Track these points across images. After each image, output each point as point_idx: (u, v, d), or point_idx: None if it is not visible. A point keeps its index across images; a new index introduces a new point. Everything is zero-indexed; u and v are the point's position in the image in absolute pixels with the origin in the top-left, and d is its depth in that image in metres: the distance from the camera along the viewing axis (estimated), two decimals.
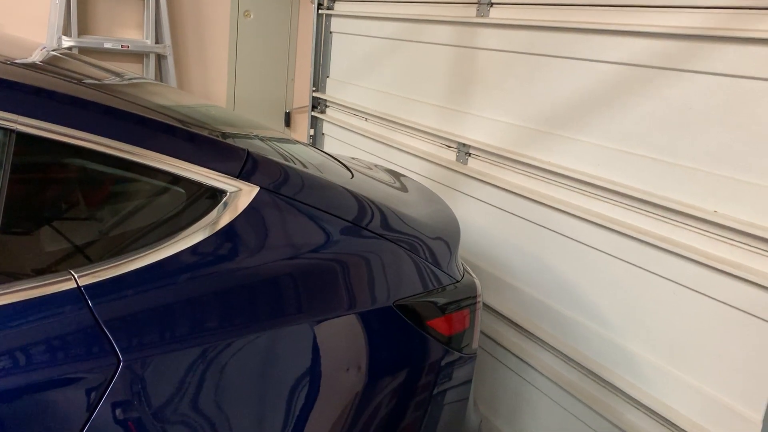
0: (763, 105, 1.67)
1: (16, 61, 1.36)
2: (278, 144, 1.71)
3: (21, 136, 1.14)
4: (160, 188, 1.29)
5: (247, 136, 1.59)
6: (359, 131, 3.60)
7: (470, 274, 1.71)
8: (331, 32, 4.02)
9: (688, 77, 1.84)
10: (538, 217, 2.37)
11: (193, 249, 1.26)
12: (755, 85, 1.68)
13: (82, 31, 3.94)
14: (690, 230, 1.84)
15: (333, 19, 3.97)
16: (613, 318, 2.09)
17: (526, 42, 2.40)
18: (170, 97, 1.67)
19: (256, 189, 1.37)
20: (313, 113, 4.19)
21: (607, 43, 2.08)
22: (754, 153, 1.69)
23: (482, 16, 2.61)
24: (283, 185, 1.43)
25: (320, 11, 3.98)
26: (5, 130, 1.12)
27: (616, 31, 2.04)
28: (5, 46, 1.58)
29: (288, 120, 4.72)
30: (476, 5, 2.65)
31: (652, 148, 1.95)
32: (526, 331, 2.43)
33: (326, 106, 4.09)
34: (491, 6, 2.58)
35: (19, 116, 1.14)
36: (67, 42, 3.77)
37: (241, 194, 1.35)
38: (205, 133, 1.39)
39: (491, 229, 2.62)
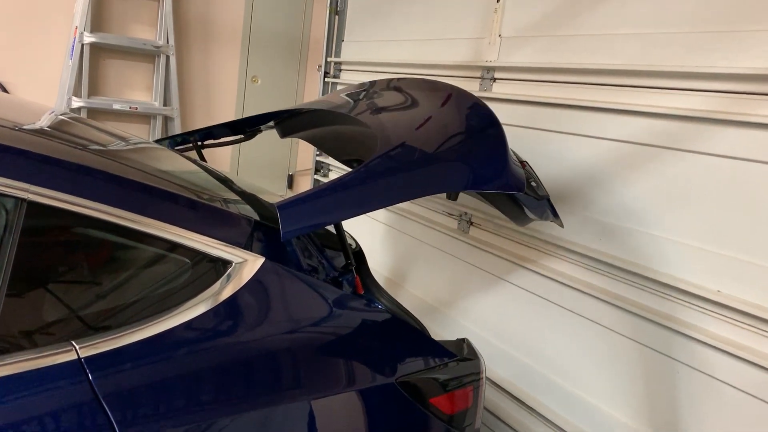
0: (763, 188, 1.69)
1: (27, 127, 1.38)
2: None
3: (31, 204, 1.15)
4: (167, 258, 1.29)
5: (250, 203, 1.60)
6: None
7: (475, 351, 1.68)
8: None
9: (690, 157, 1.87)
10: (540, 289, 2.36)
11: (195, 321, 1.25)
12: (756, 167, 1.71)
13: (92, 92, 4.02)
14: (693, 309, 1.83)
15: (339, 88, 4.06)
16: (617, 395, 2.06)
17: (528, 116, 2.45)
18: (175, 164, 1.68)
19: (262, 259, 1.37)
20: (316, 176, 4.23)
21: (609, 121, 2.12)
22: (757, 234, 1.70)
23: (485, 90, 2.68)
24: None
25: (326, 79, 4.08)
26: (17, 199, 1.13)
27: (618, 110, 2.08)
28: (16, 111, 1.60)
29: (290, 182, 4.77)
30: (479, 80, 2.72)
31: (654, 225, 1.96)
32: (527, 406, 2.38)
33: (329, 170, 4.14)
34: (494, 81, 2.65)
35: (32, 185, 1.15)
36: (77, 103, 3.84)
37: (246, 265, 1.35)
38: (213, 202, 1.40)
39: (493, 299, 2.61)
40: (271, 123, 2.39)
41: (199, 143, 2.37)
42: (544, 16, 2.39)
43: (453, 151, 1.65)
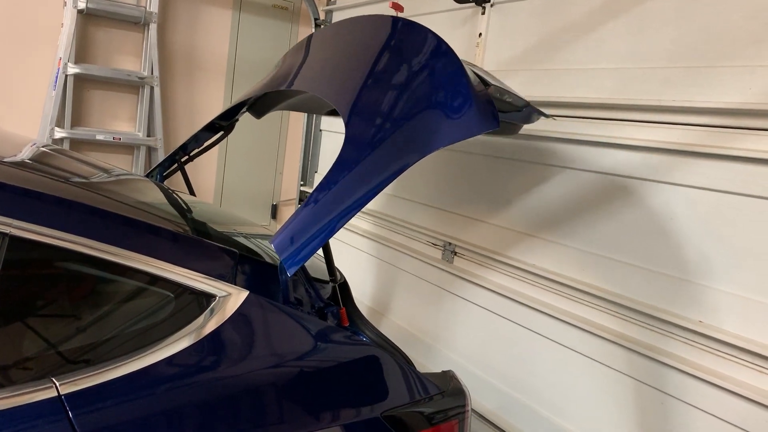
0: (742, 219, 1.72)
1: (8, 160, 1.37)
2: (265, 241, 1.73)
3: (13, 239, 1.14)
4: (149, 292, 1.28)
5: (234, 236, 1.60)
6: (346, 225, 3.63)
7: (459, 383, 1.67)
8: (320, 130, 4.14)
9: (669, 189, 1.91)
10: (523, 318, 2.37)
11: (178, 356, 1.23)
12: (734, 199, 1.74)
13: (76, 122, 4.00)
14: (676, 339, 1.84)
15: (323, 118, 4.09)
16: (603, 427, 2.05)
17: (509, 148, 2.48)
18: (157, 197, 1.68)
19: (246, 293, 1.36)
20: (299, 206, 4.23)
21: (589, 153, 2.15)
22: (736, 265, 1.73)
23: None
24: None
25: None
26: None
27: (598, 142, 2.12)
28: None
29: (274, 212, 4.76)
30: None
31: (636, 256, 1.98)
32: None
33: None
34: None
35: (14, 220, 1.14)
36: (59, 133, 3.83)
37: (230, 298, 1.34)
38: (196, 235, 1.40)
39: (477, 330, 2.61)
40: (244, 110, 2.46)
41: (185, 158, 2.42)
42: (525, 51, 2.44)
43: (414, 110, 1.46)
